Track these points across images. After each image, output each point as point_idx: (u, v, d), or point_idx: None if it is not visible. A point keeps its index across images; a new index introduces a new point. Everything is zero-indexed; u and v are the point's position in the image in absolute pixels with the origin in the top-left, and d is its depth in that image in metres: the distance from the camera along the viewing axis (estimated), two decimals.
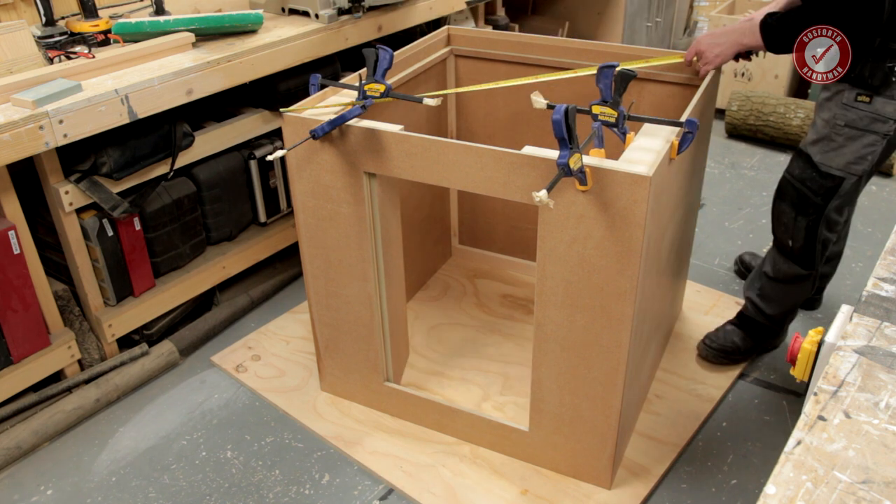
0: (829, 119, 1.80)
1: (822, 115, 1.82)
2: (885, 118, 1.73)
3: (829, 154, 1.82)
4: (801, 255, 1.96)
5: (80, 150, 1.94)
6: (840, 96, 1.76)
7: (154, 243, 2.19)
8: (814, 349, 1.23)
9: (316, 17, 2.35)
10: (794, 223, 1.93)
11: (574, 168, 1.34)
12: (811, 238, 1.92)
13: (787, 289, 2.05)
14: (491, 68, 2.24)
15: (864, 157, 1.80)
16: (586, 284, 1.52)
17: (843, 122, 1.77)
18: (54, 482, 1.87)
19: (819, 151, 1.83)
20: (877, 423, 0.90)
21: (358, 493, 1.82)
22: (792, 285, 2.04)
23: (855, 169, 1.81)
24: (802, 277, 2.00)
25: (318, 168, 1.69)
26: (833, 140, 1.80)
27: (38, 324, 1.97)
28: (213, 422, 2.04)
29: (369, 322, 1.87)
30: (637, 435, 1.93)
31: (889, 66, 1.68)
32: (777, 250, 2.03)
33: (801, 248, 1.95)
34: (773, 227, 2.02)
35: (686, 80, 1.96)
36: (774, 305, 2.09)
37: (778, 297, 2.08)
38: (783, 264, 2.01)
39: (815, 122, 1.85)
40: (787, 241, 1.97)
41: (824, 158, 1.82)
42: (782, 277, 2.03)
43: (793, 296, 2.07)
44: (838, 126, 1.78)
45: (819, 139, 1.83)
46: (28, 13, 2.21)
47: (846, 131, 1.77)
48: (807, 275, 1.99)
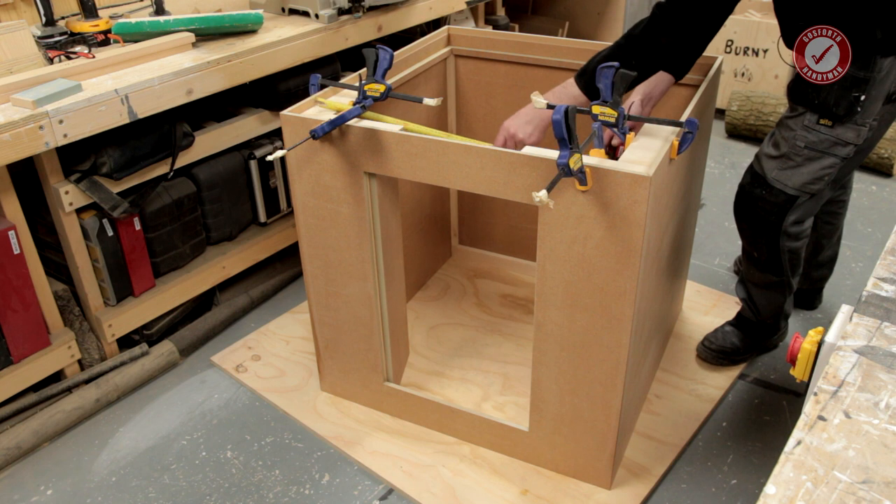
0: (789, 138, 1.78)
1: (783, 132, 1.80)
2: (846, 142, 1.72)
3: (785, 172, 1.80)
4: (769, 264, 1.95)
5: (80, 150, 1.94)
6: (802, 118, 1.75)
7: (154, 243, 2.19)
8: (814, 349, 1.23)
9: (316, 17, 2.35)
10: (754, 238, 1.93)
11: (574, 168, 1.34)
12: (774, 251, 1.91)
13: (766, 294, 2.05)
14: (491, 68, 2.24)
15: (821, 178, 1.79)
16: (586, 284, 1.52)
17: (804, 143, 1.75)
18: (54, 482, 1.87)
19: (776, 168, 1.81)
20: (877, 423, 0.91)
21: (358, 493, 1.82)
22: (770, 290, 2.04)
23: (810, 188, 1.80)
24: (777, 283, 2.00)
25: (318, 168, 1.69)
26: (791, 160, 1.78)
27: (38, 324, 1.97)
28: (213, 422, 2.04)
29: (369, 322, 1.87)
30: (637, 435, 1.93)
31: (855, 95, 1.65)
32: (746, 259, 2.03)
33: (766, 259, 1.94)
34: (740, 236, 2.01)
35: (686, 80, 1.96)
36: (762, 308, 2.09)
37: (761, 301, 2.08)
38: (755, 272, 2.01)
39: (776, 137, 1.83)
40: (754, 253, 1.97)
41: (780, 176, 1.81)
42: (758, 283, 2.04)
43: (775, 299, 2.06)
44: (798, 147, 1.76)
45: (778, 156, 1.81)
46: (28, 13, 2.21)
47: (806, 152, 1.76)
48: (779, 280, 1.99)
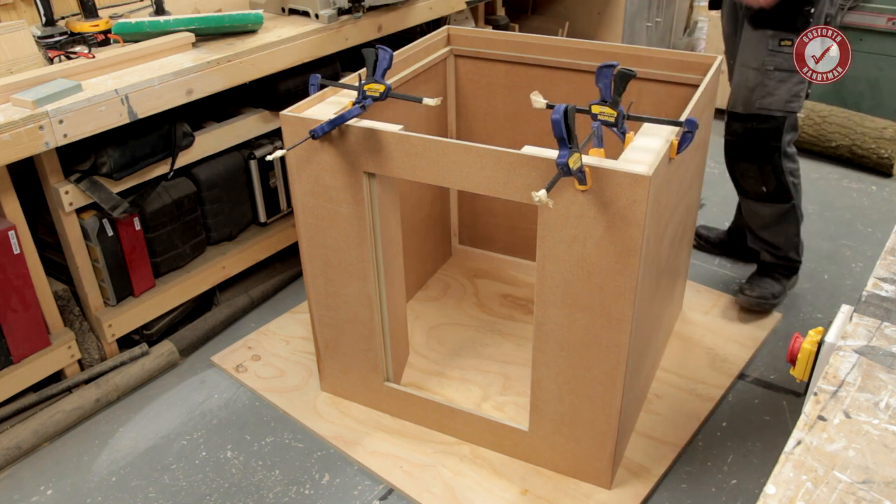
0: (758, 67, 2.04)
1: (750, 67, 2.06)
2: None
3: (766, 99, 2.06)
4: (777, 194, 2.17)
5: (80, 150, 1.94)
6: (764, 43, 2.02)
7: (154, 243, 2.19)
8: (814, 349, 1.23)
9: (316, 17, 2.35)
10: (760, 173, 2.13)
11: (573, 168, 1.34)
12: (780, 175, 2.14)
13: (781, 228, 2.26)
14: (491, 68, 2.24)
15: (798, 95, 2.05)
16: (586, 284, 1.52)
17: (773, 66, 2.02)
18: (54, 482, 1.87)
19: (757, 98, 2.06)
20: (877, 423, 0.90)
21: (358, 493, 1.82)
22: (784, 223, 2.24)
23: (792, 107, 2.06)
24: (789, 211, 2.22)
25: (318, 168, 1.69)
26: (766, 85, 2.05)
27: (38, 324, 1.97)
28: (213, 422, 2.04)
29: (369, 322, 1.87)
30: (637, 435, 1.93)
31: (807, 9, 1.95)
32: (753, 202, 2.20)
33: (775, 188, 2.16)
34: (739, 186, 2.21)
35: (686, 80, 1.96)
36: (782, 244, 2.28)
37: (779, 238, 2.27)
38: (766, 210, 2.21)
39: (743, 78, 2.08)
40: (761, 189, 2.17)
41: (763, 103, 2.06)
42: (771, 222, 2.24)
43: (790, 229, 2.26)
44: (769, 71, 2.03)
45: (753, 88, 2.05)
46: (28, 13, 2.21)
47: (777, 74, 2.02)
48: (791, 206, 2.21)
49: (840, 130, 3.28)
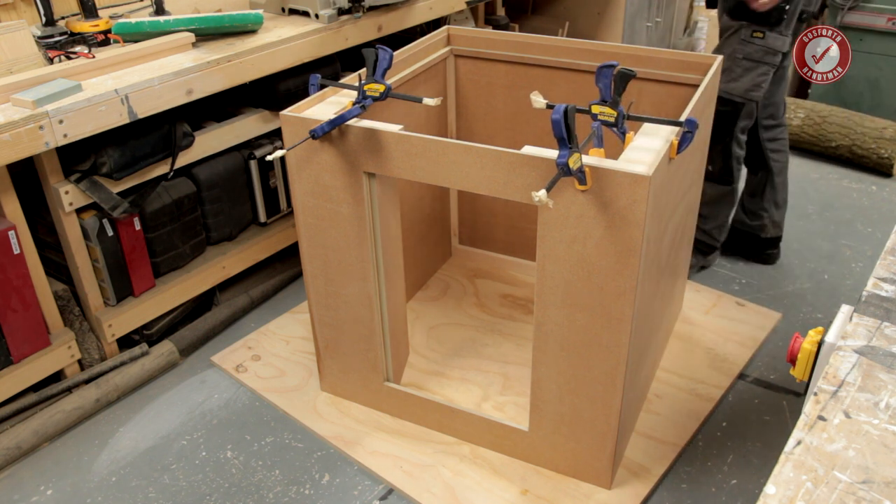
0: (730, 54, 2.20)
1: (722, 53, 2.20)
2: (775, 51, 2.16)
3: (730, 84, 2.23)
4: (721, 176, 2.37)
5: (80, 150, 1.94)
6: (739, 33, 2.17)
7: (154, 243, 2.19)
8: (814, 349, 1.23)
9: (316, 17, 2.35)
10: (710, 152, 2.24)
11: (573, 168, 1.34)
12: (727, 158, 2.33)
13: (716, 208, 2.46)
14: (491, 68, 2.24)
15: (759, 86, 2.21)
16: (586, 284, 1.52)
17: (742, 55, 2.18)
18: (54, 482, 1.87)
19: (722, 83, 2.23)
20: (877, 423, 0.90)
21: (358, 493, 1.82)
22: (719, 203, 2.45)
23: (752, 95, 2.22)
24: (728, 194, 2.42)
25: (318, 168, 1.69)
26: (733, 71, 2.21)
27: (38, 324, 1.97)
28: (213, 422, 2.04)
29: (369, 322, 1.87)
30: (637, 435, 1.93)
31: (782, 5, 2.09)
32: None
33: (720, 170, 2.36)
34: None
35: (686, 80, 1.96)
36: (710, 221, 2.48)
37: (710, 217, 2.46)
38: (709, 189, 2.37)
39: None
40: (707, 168, 2.29)
41: (727, 87, 2.23)
42: (710, 200, 2.42)
43: (724, 211, 2.48)
44: (737, 59, 2.18)
45: (721, 72, 2.15)
46: (28, 13, 2.21)
47: (744, 63, 2.18)
48: (730, 190, 2.41)
49: (840, 130, 3.28)
